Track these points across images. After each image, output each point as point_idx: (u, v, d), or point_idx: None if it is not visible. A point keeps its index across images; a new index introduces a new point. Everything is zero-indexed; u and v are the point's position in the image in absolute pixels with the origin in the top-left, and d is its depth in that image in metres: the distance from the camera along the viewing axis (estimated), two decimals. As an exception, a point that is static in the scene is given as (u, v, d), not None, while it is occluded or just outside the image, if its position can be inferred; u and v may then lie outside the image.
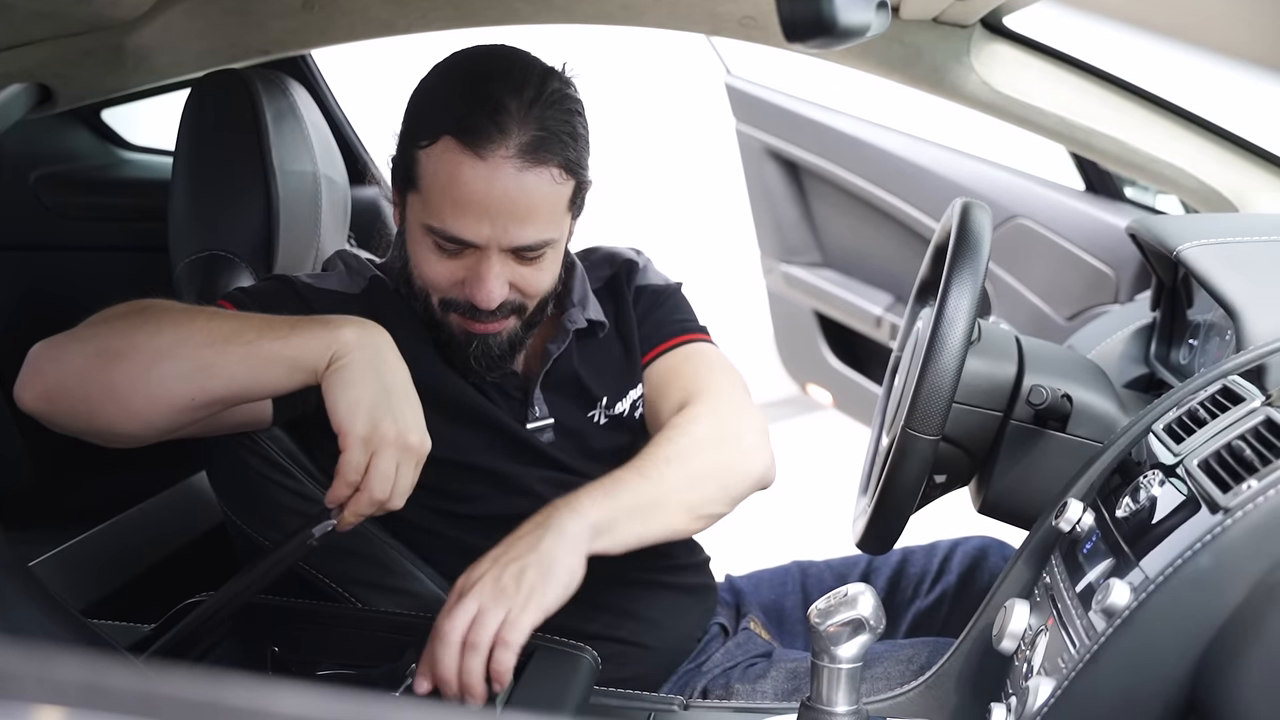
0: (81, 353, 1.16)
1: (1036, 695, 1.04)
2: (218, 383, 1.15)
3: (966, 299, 1.25)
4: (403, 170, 1.34)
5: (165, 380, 1.14)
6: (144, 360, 1.14)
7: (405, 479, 1.14)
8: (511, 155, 1.25)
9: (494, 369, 1.38)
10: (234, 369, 1.14)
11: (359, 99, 2.42)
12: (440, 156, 1.27)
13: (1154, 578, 0.97)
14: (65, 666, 0.38)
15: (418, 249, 1.33)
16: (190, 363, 1.14)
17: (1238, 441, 1.03)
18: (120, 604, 1.82)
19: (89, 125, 2.28)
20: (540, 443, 1.43)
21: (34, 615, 1.10)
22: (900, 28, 1.55)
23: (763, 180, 2.86)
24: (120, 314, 1.20)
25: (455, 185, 1.26)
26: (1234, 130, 1.64)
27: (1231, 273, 1.33)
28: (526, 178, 1.26)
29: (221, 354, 1.14)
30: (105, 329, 1.18)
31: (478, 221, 1.26)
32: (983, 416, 1.38)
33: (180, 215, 1.55)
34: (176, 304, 1.23)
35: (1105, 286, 2.23)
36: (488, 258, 1.29)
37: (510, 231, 1.27)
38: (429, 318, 1.37)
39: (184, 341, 1.15)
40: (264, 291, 1.36)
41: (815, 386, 3.01)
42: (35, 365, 1.17)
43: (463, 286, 1.31)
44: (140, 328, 1.16)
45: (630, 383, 1.50)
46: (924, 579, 1.67)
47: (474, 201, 1.25)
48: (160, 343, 1.15)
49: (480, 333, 1.34)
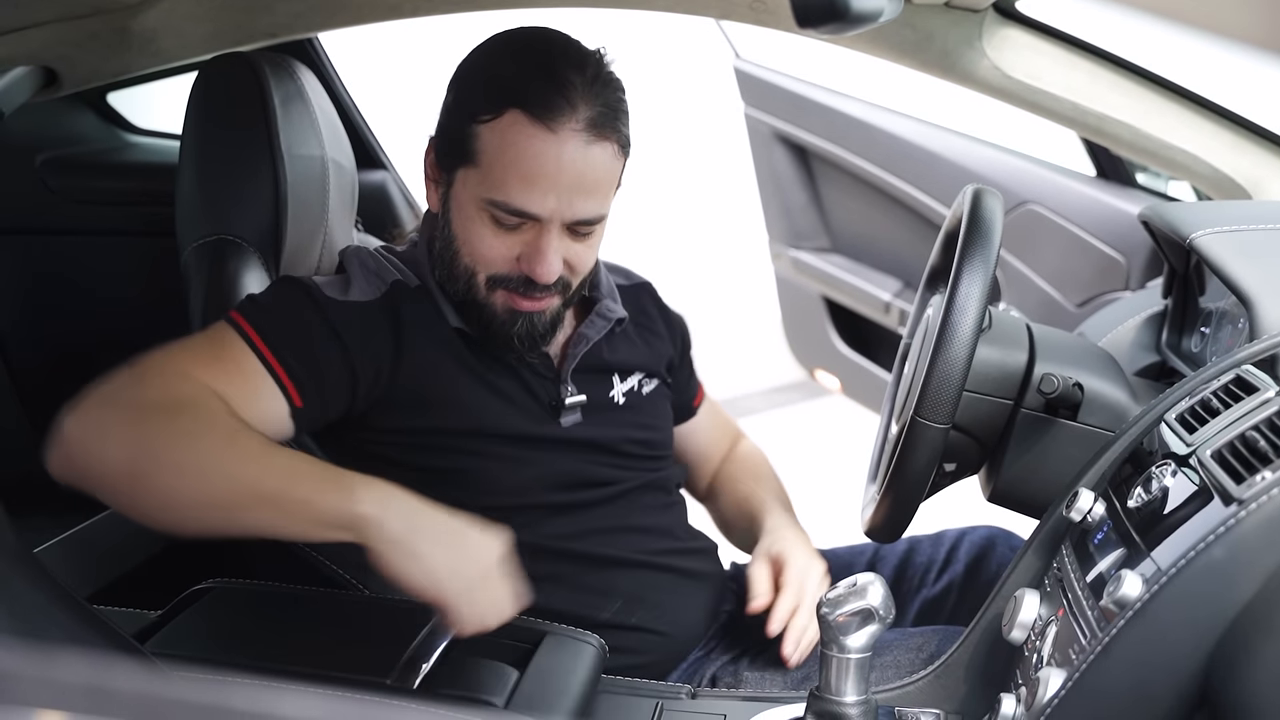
0: (115, 457, 1.14)
1: (1047, 686, 1.03)
2: (247, 524, 1.15)
3: (978, 286, 1.24)
4: (454, 146, 1.33)
5: (193, 511, 1.15)
6: (174, 489, 1.14)
7: (502, 593, 1.17)
8: (580, 129, 1.27)
9: (534, 348, 1.40)
10: (265, 519, 1.14)
11: (366, 83, 2.41)
12: (507, 129, 1.27)
13: (1166, 569, 0.96)
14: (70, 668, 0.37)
15: (470, 225, 1.33)
16: (219, 506, 1.14)
17: (1252, 432, 1.02)
18: (126, 590, 1.82)
19: (94, 108, 2.28)
20: (569, 423, 1.45)
21: (40, 602, 1.10)
22: (911, 12, 1.54)
23: (771, 165, 2.85)
24: (156, 406, 1.16)
25: (525, 158, 1.27)
26: (1248, 116, 1.63)
27: (1245, 261, 1.32)
28: (593, 151, 1.28)
29: (254, 503, 1.14)
30: (139, 430, 1.14)
31: (544, 194, 1.28)
32: (993, 405, 1.37)
33: (187, 199, 1.55)
34: (216, 413, 1.17)
35: (1116, 273, 2.22)
36: (548, 231, 1.30)
37: (575, 205, 1.29)
38: (469, 298, 1.37)
39: (214, 477, 1.13)
40: (277, 303, 1.33)
41: (823, 372, 3.00)
42: (66, 448, 1.15)
43: (517, 262, 1.33)
44: (173, 446, 1.13)
45: (641, 370, 1.54)
46: (931, 568, 1.66)
47: (543, 174, 1.27)
48: (190, 483, 1.13)
49: (526, 310, 1.35)
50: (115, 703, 0.37)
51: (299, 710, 0.44)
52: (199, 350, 1.26)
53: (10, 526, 1.12)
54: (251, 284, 1.46)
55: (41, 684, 0.36)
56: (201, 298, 1.44)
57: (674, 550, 1.49)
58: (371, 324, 1.34)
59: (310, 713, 0.44)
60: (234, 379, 1.23)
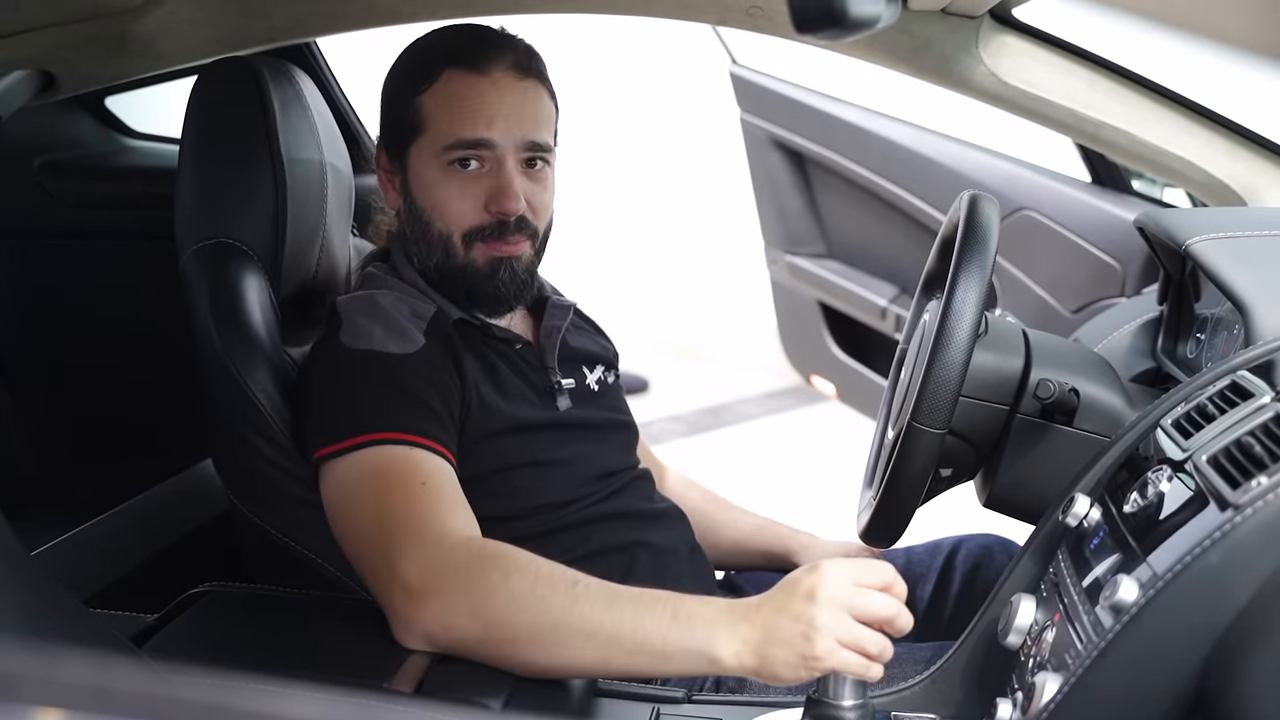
0: (477, 646, 1.16)
1: (1043, 691, 1.03)
2: (609, 673, 1.18)
3: (974, 292, 1.24)
4: (400, 130, 1.43)
5: (555, 670, 1.18)
6: (537, 660, 1.16)
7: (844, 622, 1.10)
8: (509, 68, 1.40)
9: (519, 297, 1.46)
10: (623, 668, 1.16)
11: (362, 88, 2.42)
12: (445, 86, 1.39)
13: (1162, 574, 0.96)
14: (72, 668, 0.37)
15: (434, 188, 1.41)
16: (578, 669, 1.17)
17: (1247, 438, 1.02)
18: (123, 594, 1.82)
19: (92, 112, 2.28)
20: (563, 407, 1.50)
21: (36, 605, 1.10)
22: (909, 19, 1.55)
23: (767, 170, 2.86)
24: (475, 577, 1.16)
25: (466, 99, 1.38)
26: (1243, 123, 1.63)
27: (1241, 267, 1.32)
28: (526, 86, 1.41)
29: (611, 658, 1.14)
30: (485, 615, 1.15)
31: (489, 121, 1.38)
32: (989, 410, 1.37)
33: (186, 203, 1.55)
34: (536, 569, 1.17)
35: (1111, 279, 2.22)
36: (505, 162, 1.39)
37: (521, 128, 1.39)
38: (449, 265, 1.43)
39: (570, 646, 1.14)
40: (368, 388, 1.33)
41: (819, 378, 3.00)
42: (429, 640, 1.17)
43: (485, 210, 1.40)
44: (520, 622, 1.14)
45: (602, 362, 1.61)
46: (928, 578, 1.66)
47: (486, 107, 1.38)
48: (550, 654, 1.15)
49: (505, 255, 1.42)
50: (120, 703, 0.37)
51: (300, 711, 0.44)
52: (406, 487, 1.25)
53: (7, 529, 1.12)
54: (251, 287, 1.46)
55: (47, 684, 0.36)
56: (204, 302, 1.44)
57: (686, 537, 1.55)
58: (438, 360, 1.37)
59: (311, 714, 0.44)
60: (441, 485, 1.26)
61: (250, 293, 1.46)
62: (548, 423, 1.46)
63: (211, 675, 1.18)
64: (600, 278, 4.26)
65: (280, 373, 1.44)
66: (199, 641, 1.28)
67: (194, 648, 1.26)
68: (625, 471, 1.54)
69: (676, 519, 1.57)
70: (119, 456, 2.12)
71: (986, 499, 1.42)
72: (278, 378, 1.43)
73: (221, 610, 1.34)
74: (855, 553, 1.66)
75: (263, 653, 1.25)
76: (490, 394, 1.41)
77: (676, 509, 1.59)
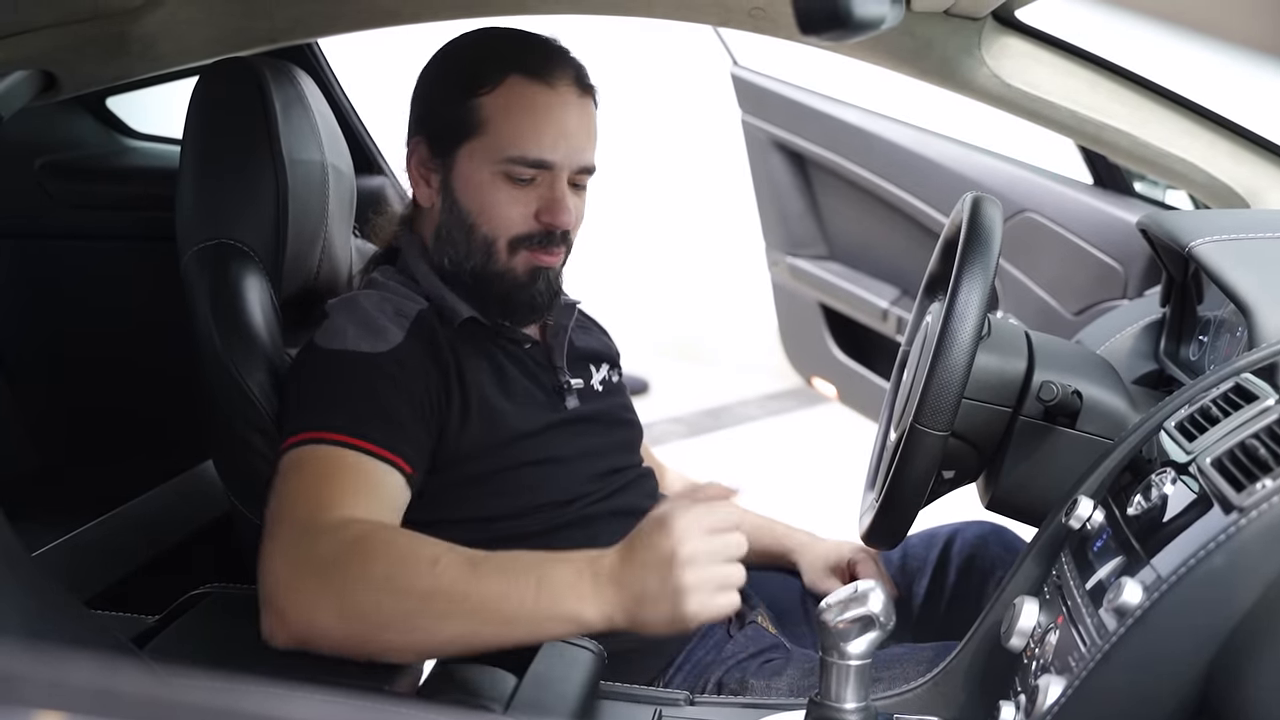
0: (335, 632, 1.13)
1: (1047, 694, 1.03)
2: (476, 646, 1.16)
3: (977, 294, 1.24)
4: (451, 128, 1.41)
5: (422, 649, 1.17)
6: (396, 644, 1.14)
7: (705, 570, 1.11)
8: (571, 84, 1.40)
9: (549, 306, 1.48)
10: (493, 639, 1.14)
11: (364, 89, 2.42)
12: (510, 93, 1.38)
13: (1166, 577, 0.96)
14: (73, 670, 0.37)
15: (484, 192, 1.40)
16: (442, 644, 1.16)
17: (1252, 440, 1.02)
18: (124, 595, 1.82)
19: (93, 113, 2.28)
20: (572, 407, 1.50)
21: (37, 607, 1.09)
22: (911, 20, 1.54)
23: (768, 172, 2.86)
24: (338, 563, 1.14)
25: (534, 112, 1.38)
26: (1246, 125, 1.63)
27: (1244, 269, 1.32)
28: (585, 103, 1.42)
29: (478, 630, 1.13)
30: (342, 599, 1.12)
31: (554, 143, 1.38)
32: (992, 412, 1.37)
33: (188, 204, 1.54)
34: (397, 545, 1.16)
35: (1114, 281, 2.22)
36: (560, 179, 1.39)
37: (580, 151, 1.40)
38: (488, 269, 1.42)
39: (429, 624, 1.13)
40: (330, 387, 1.32)
41: (820, 380, 3.00)
42: (284, 627, 1.14)
43: (535, 218, 1.40)
44: (379, 605, 1.12)
45: (607, 361, 1.61)
46: (923, 571, 1.66)
47: (551, 124, 1.38)
48: (408, 637, 1.13)
49: (546, 265, 1.43)
50: (121, 705, 0.37)
51: (301, 714, 0.44)
52: (315, 484, 1.23)
53: (7, 530, 1.12)
54: (252, 288, 1.46)
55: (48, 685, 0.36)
56: (206, 303, 1.44)
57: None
58: (415, 362, 1.35)
59: (312, 716, 0.44)
60: (358, 487, 1.24)
61: (251, 294, 1.46)
62: (555, 422, 1.46)
63: (213, 677, 1.17)
64: (601, 279, 4.26)
65: (281, 375, 1.44)
66: (200, 643, 1.28)
67: (195, 650, 1.26)
68: (629, 469, 1.53)
69: None
70: (120, 457, 2.12)
71: (989, 501, 1.42)
72: (278, 379, 1.43)
73: (223, 612, 1.34)
74: (849, 552, 1.66)
75: (264, 655, 1.25)
76: (495, 395, 1.40)
77: None
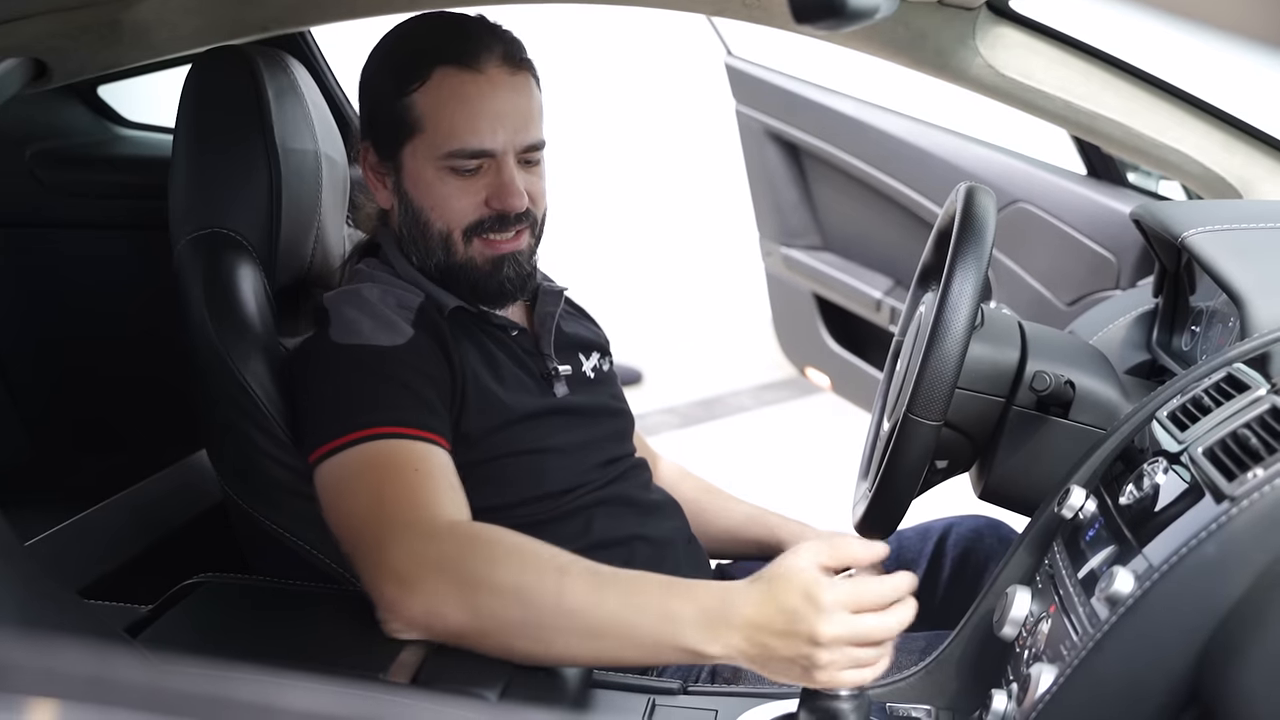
0: (465, 630, 1.15)
1: (1039, 682, 1.03)
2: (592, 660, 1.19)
3: (971, 284, 1.24)
4: (391, 129, 1.41)
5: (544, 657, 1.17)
6: (523, 649, 1.15)
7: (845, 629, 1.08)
8: (501, 63, 1.38)
9: (524, 289, 1.47)
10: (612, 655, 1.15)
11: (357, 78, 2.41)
12: (440, 85, 1.37)
13: (1158, 566, 0.96)
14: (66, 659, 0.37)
15: (433, 188, 1.40)
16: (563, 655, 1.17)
17: (1243, 430, 1.02)
18: (118, 584, 1.81)
19: (85, 101, 2.27)
20: (560, 393, 1.50)
21: (30, 596, 1.09)
22: (905, 10, 1.54)
23: (763, 162, 2.85)
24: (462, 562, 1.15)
25: (466, 102, 1.37)
26: (1239, 115, 1.63)
27: (1237, 259, 1.32)
28: (518, 81, 1.40)
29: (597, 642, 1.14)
30: (473, 600, 1.14)
31: (492, 130, 1.37)
32: (985, 402, 1.37)
33: (181, 192, 1.54)
34: (525, 550, 1.17)
35: (1107, 272, 2.23)
36: (505, 164, 1.39)
37: (521, 131, 1.39)
38: (450, 262, 1.43)
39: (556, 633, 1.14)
40: (355, 383, 1.33)
41: (814, 370, 3.00)
42: (410, 625, 1.16)
43: (486, 205, 1.40)
44: (509, 606, 1.13)
45: (597, 349, 1.61)
46: (918, 564, 1.67)
47: (485, 111, 1.37)
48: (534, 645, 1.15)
49: (507, 251, 1.42)
50: (114, 693, 0.37)
51: (295, 702, 0.44)
52: (402, 481, 1.24)
53: (1, 519, 1.12)
54: (246, 277, 1.46)
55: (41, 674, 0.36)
56: (199, 292, 1.44)
57: (682, 529, 1.57)
58: (428, 352, 1.37)
59: (306, 705, 0.44)
60: (439, 479, 1.25)
61: (244, 283, 1.45)
62: (546, 409, 1.46)
63: (206, 666, 1.17)
64: (594, 269, 4.25)
65: (274, 363, 1.43)
66: (194, 633, 1.28)
67: (189, 639, 1.26)
68: (623, 459, 1.54)
69: (672, 511, 1.57)
70: (114, 447, 2.12)
71: (982, 491, 1.42)
72: (272, 368, 1.42)
73: (217, 601, 1.34)
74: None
75: (258, 644, 1.25)
76: (488, 381, 1.41)
77: (672, 501, 1.59)
